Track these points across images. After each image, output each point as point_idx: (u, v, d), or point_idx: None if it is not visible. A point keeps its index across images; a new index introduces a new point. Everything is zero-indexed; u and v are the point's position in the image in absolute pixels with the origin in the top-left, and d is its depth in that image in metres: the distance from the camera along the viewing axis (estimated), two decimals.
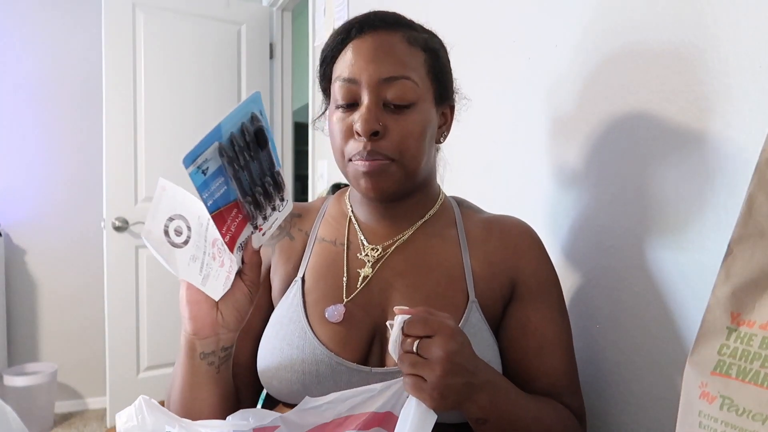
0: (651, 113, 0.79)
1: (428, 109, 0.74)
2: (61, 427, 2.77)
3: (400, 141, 0.71)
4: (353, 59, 0.72)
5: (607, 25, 0.86)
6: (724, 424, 0.45)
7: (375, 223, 0.82)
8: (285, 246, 0.83)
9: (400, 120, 0.71)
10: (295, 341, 0.73)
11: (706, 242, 0.71)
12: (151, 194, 2.60)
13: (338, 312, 0.74)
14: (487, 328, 0.74)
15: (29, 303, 2.84)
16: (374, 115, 0.70)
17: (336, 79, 0.74)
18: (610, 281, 0.86)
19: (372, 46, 0.72)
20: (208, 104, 2.73)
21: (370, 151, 0.70)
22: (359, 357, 0.72)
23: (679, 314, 0.75)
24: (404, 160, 0.72)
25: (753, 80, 0.65)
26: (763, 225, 0.46)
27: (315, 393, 0.70)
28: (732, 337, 0.46)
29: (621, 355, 0.84)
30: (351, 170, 0.74)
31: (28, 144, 2.80)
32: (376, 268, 0.77)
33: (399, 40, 0.73)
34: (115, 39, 2.52)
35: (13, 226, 2.79)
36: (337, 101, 0.74)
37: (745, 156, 0.66)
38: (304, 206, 0.89)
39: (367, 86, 0.71)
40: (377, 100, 0.71)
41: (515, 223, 0.82)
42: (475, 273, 0.77)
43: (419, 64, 0.73)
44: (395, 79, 0.71)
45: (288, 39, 3.04)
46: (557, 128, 0.98)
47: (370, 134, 0.70)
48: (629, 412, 0.83)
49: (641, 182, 0.81)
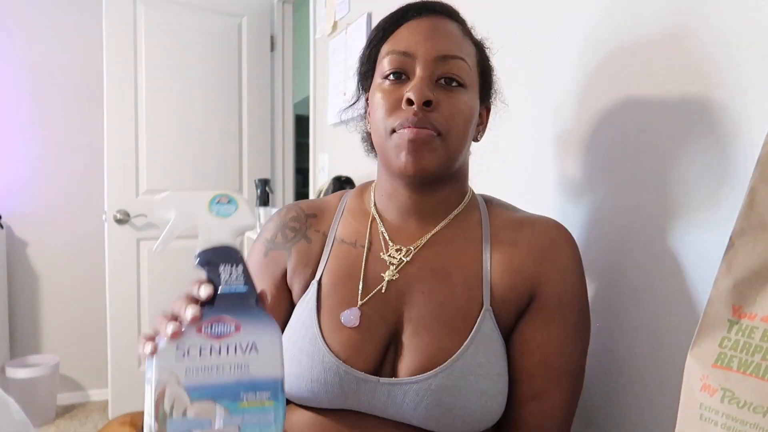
0: (653, 107, 0.78)
1: (475, 99, 0.75)
2: (63, 419, 2.79)
3: (450, 116, 0.70)
4: (409, 35, 0.73)
5: (611, 18, 0.86)
6: (725, 416, 0.45)
7: (400, 220, 0.79)
8: (302, 249, 0.80)
9: (452, 97, 0.71)
10: (306, 347, 0.72)
11: (706, 235, 0.71)
12: (152, 187, 2.61)
13: (354, 316, 0.72)
14: (499, 336, 0.72)
15: (31, 295, 2.85)
16: (429, 86, 0.70)
17: (388, 53, 0.74)
18: (610, 276, 0.86)
19: (430, 26, 0.73)
20: (208, 96, 2.73)
21: (421, 118, 0.69)
22: (372, 365, 0.71)
23: (679, 307, 0.75)
24: (450, 137, 0.71)
25: (757, 72, 0.65)
26: (764, 217, 0.46)
27: (324, 400, 0.70)
28: (733, 330, 0.46)
29: (621, 348, 0.84)
30: (393, 143, 0.71)
31: (29, 137, 2.80)
32: (400, 269, 0.76)
33: (456, 28, 0.75)
34: (116, 31, 2.51)
35: (14, 219, 2.79)
36: (385, 72, 0.73)
37: (748, 149, 0.66)
38: (319, 205, 0.86)
39: (423, 60, 0.71)
40: (432, 75, 0.71)
41: (548, 227, 0.77)
42: (493, 280, 0.74)
43: (471, 54, 0.75)
44: (452, 58, 0.71)
45: (289, 31, 3.02)
46: (559, 123, 0.98)
47: (422, 102, 0.69)
48: (630, 404, 0.83)
49: (644, 177, 0.80)
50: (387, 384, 0.69)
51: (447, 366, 0.68)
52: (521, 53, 1.06)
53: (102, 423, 2.73)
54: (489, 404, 0.69)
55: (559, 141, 0.98)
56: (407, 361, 0.70)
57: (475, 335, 0.70)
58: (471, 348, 0.69)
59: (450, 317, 0.71)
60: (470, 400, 0.67)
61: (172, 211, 0.51)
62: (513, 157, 1.09)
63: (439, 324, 0.71)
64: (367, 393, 0.69)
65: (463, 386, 0.67)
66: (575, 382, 0.74)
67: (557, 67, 0.97)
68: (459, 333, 0.70)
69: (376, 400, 0.69)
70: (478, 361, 0.69)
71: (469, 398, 0.67)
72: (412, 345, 0.71)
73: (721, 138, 0.69)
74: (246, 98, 2.83)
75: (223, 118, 2.78)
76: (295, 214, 0.84)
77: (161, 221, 0.51)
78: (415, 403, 0.67)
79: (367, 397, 0.69)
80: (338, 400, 0.70)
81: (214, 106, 2.75)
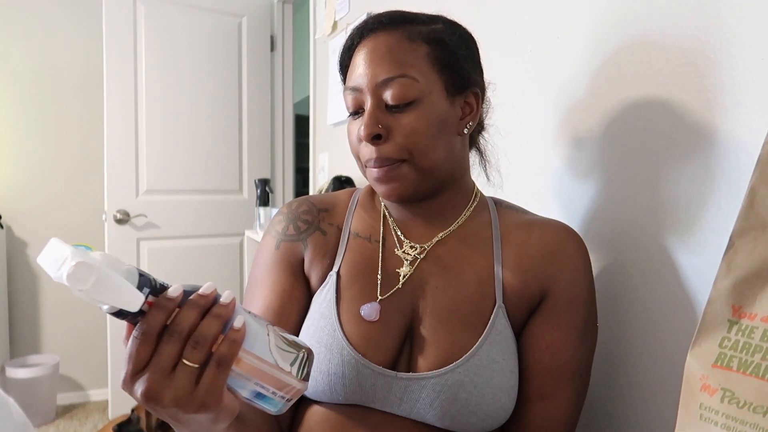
0: (652, 106, 0.78)
1: (436, 103, 0.72)
2: (63, 419, 2.79)
3: (406, 140, 0.70)
4: (357, 66, 0.73)
5: (611, 17, 0.86)
6: (725, 416, 0.45)
7: (409, 221, 0.80)
8: (319, 241, 0.81)
9: (403, 119, 0.70)
10: (324, 339, 0.72)
11: (707, 235, 0.71)
12: (152, 186, 2.61)
13: (375, 310, 0.73)
14: (511, 334, 0.73)
15: (31, 295, 2.85)
16: (374, 119, 0.70)
17: (345, 89, 0.76)
18: (610, 276, 0.86)
19: (369, 50, 0.72)
20: (208, 97, 2.73)
21: (378, 157, 0.71)
22: (389, 359, 0.71)
23: (679, 307, 0.75)
24: (415, 158, 0.71)
25: (756, 72, 0.65)
26: (764, 218, 0.46)
27: (340, 394, 0.70)
28: (733, 330, 0.46)
29: (621, 348, 0.84)
30: (368, 175, 0.75)
31: (30, 137, 2.80)
32: (415, 266, 0.77)
33: (398, 39, 0.72)
34: (116, 31, 2.51)
35: (14, 219, 2.79)
36: (348, 110, 0.76)
37: (748, 149, 0.66)
38: (330, 201, 0.86)
39: (367, 91, 0.72)
40: (378, 103, 0.71)
41: (558, 230, 0.78)
42: (505, 278, 0.75)
43: (420, 58, 0.71)
44: (391, 80, 0.70)
45: (289, 31, 3.03)
46: (558, 122, 0.98)
47: (371, 138, 0.70)
48: (630, 404, 0.83)
49: (644, 176, 0.80)
50: (405, 379, 0.69)
51: (463, 361, 0.69)
52: (521, 53, 1.06)
53: (102, 423, 2.73)
54: (503, 401, 0.69)
55: (558, 141, 0.98)
56: (424, 356, 0.71)
57: (490, 331, 0.71)
58: (486, 344, 0.70)
59: (464, 313, 0.72)
60: (485, 395, 0.68)
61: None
62: (512, 157, 1.09)
63: (454, 319, 0.72)
64: (384, 388, 0.69)
65: (479, 382, 0.68)
66: (581, 384, 0.75)
67: (557, 66, 0.97)
68: (473, 329, 0.71)
69: (391, 395, 0.69)
70: (492, 357, 0.70)
71: (484, 394, 0.68)
72: (429, 340, 0.72)
73: (721, 138, 0.69)
74: (246, 98, 2.83)
75: (224, 118, 2.78)
76: (306, 207, 0.84)
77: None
78: (432, 398, 0.68)
79: (383, 392, 0.70)
80: (355, 395, 0.70)
81: (214, 106, 2.75)
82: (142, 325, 0.48)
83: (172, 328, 0.48)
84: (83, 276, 0.42)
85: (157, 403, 0.47)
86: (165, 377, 0.47)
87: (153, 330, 0.48)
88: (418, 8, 0.82)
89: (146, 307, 0.48)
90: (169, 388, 0.47)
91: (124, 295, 0.45)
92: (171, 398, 0.47)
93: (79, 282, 0.42)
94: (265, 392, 0.53)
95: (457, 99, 0.75)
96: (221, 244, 2.83)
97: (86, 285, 0.43)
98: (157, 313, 0.48)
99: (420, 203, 0.78)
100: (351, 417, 0.71)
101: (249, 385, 0.52)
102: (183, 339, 0.48)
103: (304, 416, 0.74)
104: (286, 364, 0.53)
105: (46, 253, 0.45)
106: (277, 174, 3.04)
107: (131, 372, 0.47)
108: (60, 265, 0.43)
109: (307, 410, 0.74)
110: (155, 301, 0.48)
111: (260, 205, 2.49)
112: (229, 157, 2.82)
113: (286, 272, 0.80)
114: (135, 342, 0.48)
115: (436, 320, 0.72)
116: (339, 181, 1.82)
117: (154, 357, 0.48)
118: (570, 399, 0.74)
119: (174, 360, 0.48)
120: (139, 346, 0.47)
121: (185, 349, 0.48)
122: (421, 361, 0.71)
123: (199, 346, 0.48)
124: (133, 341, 0.48)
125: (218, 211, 2.80)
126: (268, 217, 2.39)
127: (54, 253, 0.44)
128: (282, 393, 0.53)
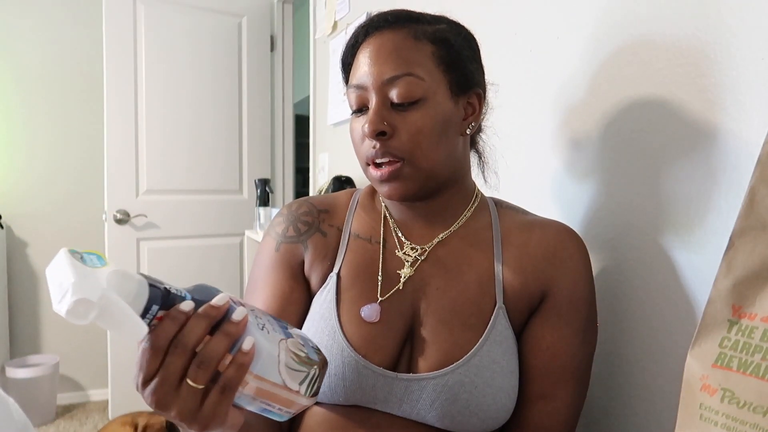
0: (653, 106, 0.78)
1: (441, 103, 0.72)
2: (63, 419, 2.79)
3: (410, 139, 0.70)
4: (361, 64, 0.73)
5: (611, 17, 0.86)
6: (725, 416, 0.45)
7: (410, 221, 0.80)
8: (319, 243, 0.80)
9: (408, 117, 0.70)
10: (324, 340, 0.72)
11: (707, 235, 0.71)
12: (152, 186, 2.61)
13: (375, 311, 0.73)
14: (512, 334, 0.73)
15: (31, 295, 2.85)
16: (379, 116, 0.70)
17: (349, 87, 0.75)
18: (609, 276, 0.86)
19: (375, 48, 0.72)
20: (208, 96, 2.73)
21: (381, 151, 0.71)
22: (389, 360, 0.71)
23: (679, 307, 0.75)
24: (416, 158, 0.71)
25: (756, 72, 0.65)
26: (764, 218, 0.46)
27: (340, 395, 0.70)
28: (733, 330, 0.46)
29: (621, 348, 0.84)
30: (370, 174, 0.75)
31: (30, 137, 2.80)
32: (415, 267, 0.77)
33: (404, 37, 0.72)
34: (116, 31, 2.51)
35: (14, 219, 2.79)
36: (351, 108, 0.75)
37: (748, 149, 0.66)
38: (330, 202, 0.86)
39: (373, 89, 0.71)
40: (383, 101, 0.71)
41: (558, 230, 0.78)
42: (505, 279, 0.75)
43: (426, 57, 0.72)
44: (397, 78, 0.70)
45: (289, 31, 3.03)
46: (558, 122, 0.98)
47: (375, 134, 0.70)
48: (630, 404, 0.83)
49: (644, 176, 0.80)
50: (405, 380, 0.69)
51: (464, 362, 0.69)
52: (521, 53, 1.06)
53: (102, 423, 2.73)
54: (503, 401, 0.69)
55: (558, 141, 0.98)
56: (425, 356, 0.71)
57: (490, 332, 0.71)
58: (486, 345, 0.70)
59: (465, 314, 0.72)
60: (486, 396, 0.68)
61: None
62: (512, 157, 1.09)
63: (454, 320, 0.72)
64: (384, 389, 0.69)
65: (479, 383, 0.68)
66: (582, 384, 0.75)
67: (557, 67, 0.97)
68: (474, 329, 0.71)
69: (392, 396, 0.69)
70: (493, 358, 0.70)
71: (485, 394, 0.68)
72: (429, 341, 0.72)
73: (721, 138, 0.69)
74: (246, 98, 2.83)
75: (223, 119, 2.78)
76: (306, 209, 0.84)
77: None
78: (432, 399, 0.68)
79: (383, 393, 0.70)
80: (355, 396, 0.70)
81: (214, 106, 2.75)
82: (151, 338, 0.47)
83: (179, 340, 0.48)
84: (83, 312, 0.41)
85: (164, 413, 0.48)
86: (171, 391, 0.47)
87: (161, 343, 0.47)
88: (419, 8, 0.82)
89: (156, 321, 0.48)
90: (175, 403, 0.47)
91: (126, 327, 0.44)
92: (176, 413, 0.47)
93: (79, 318, 0.42)
94: (272, 409, 0.53)
95: (460, 99, 0.75)
96: (221, 244, 2.83)
97: (86, 320, 0.42)
98: (166, 327, 0.48)
99: (421, 203, 0.78)
100: (351, 418, 0.71)
101: (255, 403, 0.52)
102: (189, 352, 0.48)
103: (304, 417, 0.74)
104: (295, 384, 0.52)
105: (53, 268, 0.44)
106: (277, 174, 3.04)
107: (142, 380, 0.48)
108: (61, 297, 0.42)
109: (308, 411, 0.74)
110: (165, 315, 0.48)
111: (260, 205, 2.49)
112: (229, 157, 2.82)
113: (286, 274, 0.80)
114: (144, 353, 0.48)
115: (436, 321, 0.72)
116: (339, 181, 1.82)
117: (161, 369, 0.47)
118: (570, 399, 0.74)
119: (180, 373, 0.48)
120: (148, 357, 0.48)
121: (190, 368, 0.48)
122: (421, 362, 0.71)
123: (204, 365, 0.47)
124: (142, 352, 0.48)
125: (218, 211, 2.80)
126: (268, 217, 2.39)
127: (59, 275, 0.43)
128: (288, 409, 0.53)
